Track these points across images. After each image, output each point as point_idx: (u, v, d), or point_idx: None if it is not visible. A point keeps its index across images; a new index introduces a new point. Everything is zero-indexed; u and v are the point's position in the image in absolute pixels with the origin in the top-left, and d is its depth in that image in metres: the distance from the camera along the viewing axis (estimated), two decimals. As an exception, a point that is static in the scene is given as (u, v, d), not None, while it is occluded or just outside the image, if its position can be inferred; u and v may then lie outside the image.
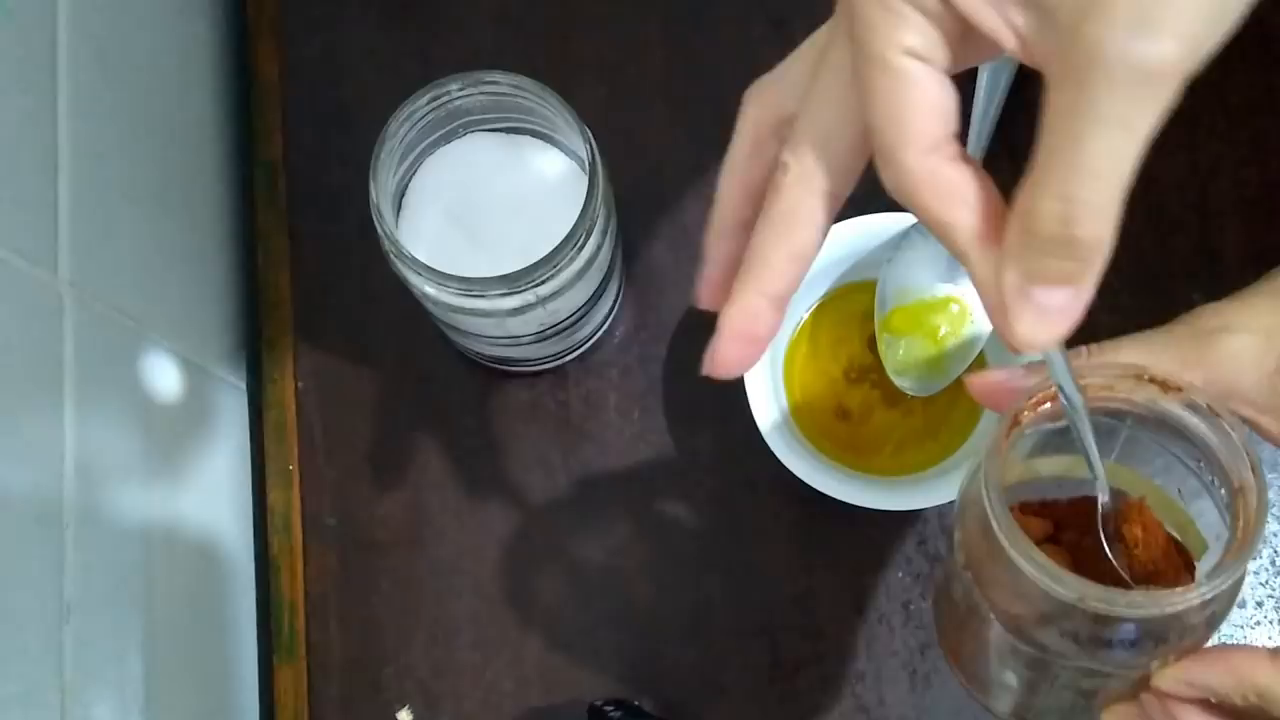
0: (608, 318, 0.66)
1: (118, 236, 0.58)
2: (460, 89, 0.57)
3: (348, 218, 0.68)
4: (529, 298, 0.56)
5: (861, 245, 0.63)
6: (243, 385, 0.70)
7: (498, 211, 0.60)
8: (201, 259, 0.68)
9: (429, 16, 0.71)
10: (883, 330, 0.62)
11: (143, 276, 0.60)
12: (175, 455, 0.62)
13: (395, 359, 0.68)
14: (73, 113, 0.54)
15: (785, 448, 0.60)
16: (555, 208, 0.59)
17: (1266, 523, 0.39)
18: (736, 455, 0.65)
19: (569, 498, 0.66)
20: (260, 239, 0.70)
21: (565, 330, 0.62)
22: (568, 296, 0.58)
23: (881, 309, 0.62)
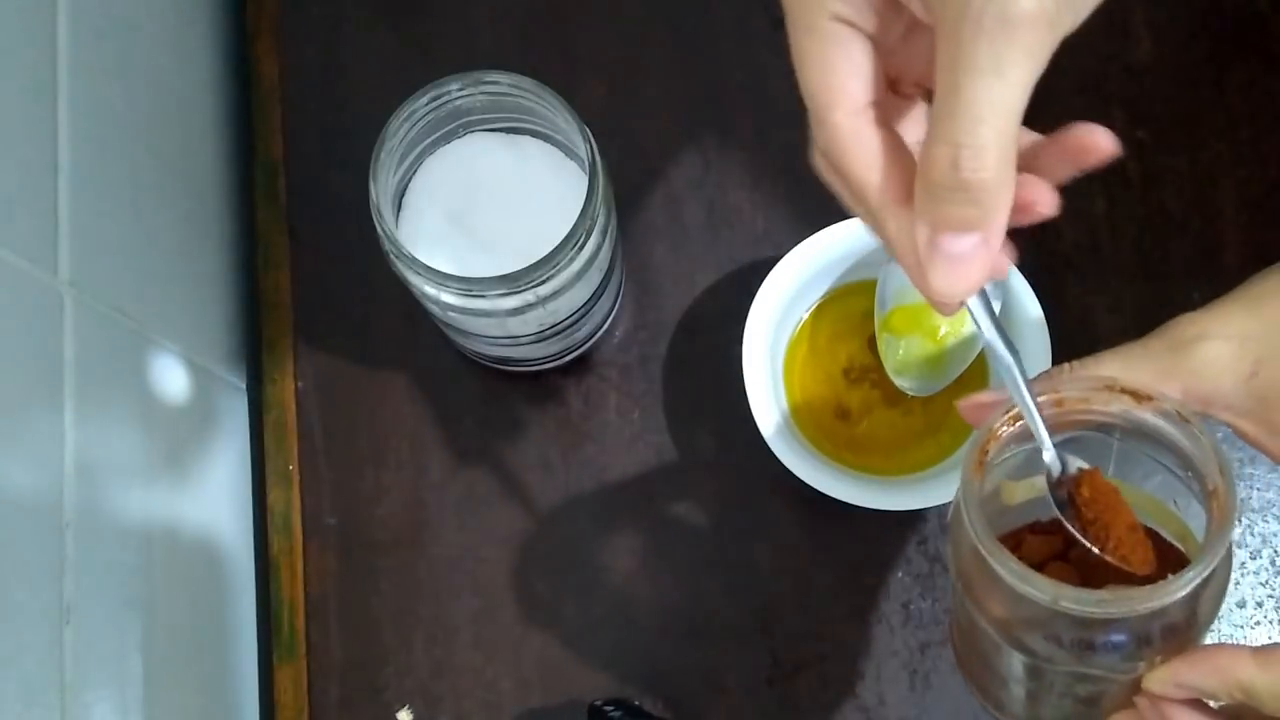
0: (608, 318, 0.66)
1: (118, 236, 0.58)
2: (460, 89, 0.57)
3: (348, 218, 0.68)
4: (529, 298, 0.56)
5: (861, 245, 0.63)
6: (243, 385, 0.70)
7: (498, 211, 0.60)
8: (201, 259, 0.68)
9: (429, 16, 0.71)
10: (883, 330, 0.62)
11: (143, 276, 0.60)
12: (175, 455, 0.62)
13: (395, 359, 0.68)
14: (73, 113, 0.54)
15: (785, 448, 0.60)
16: (555, 208, 0.59)
17: (1234, 522, 0.40)
18: (736, 455, 0.65)
19: (569, 498, 0.66)
20: (260, 239, 0.70)
21: (565, 330, 0.62)
22: (568, 296, 0.58)
23: (881, 309, 0.62)
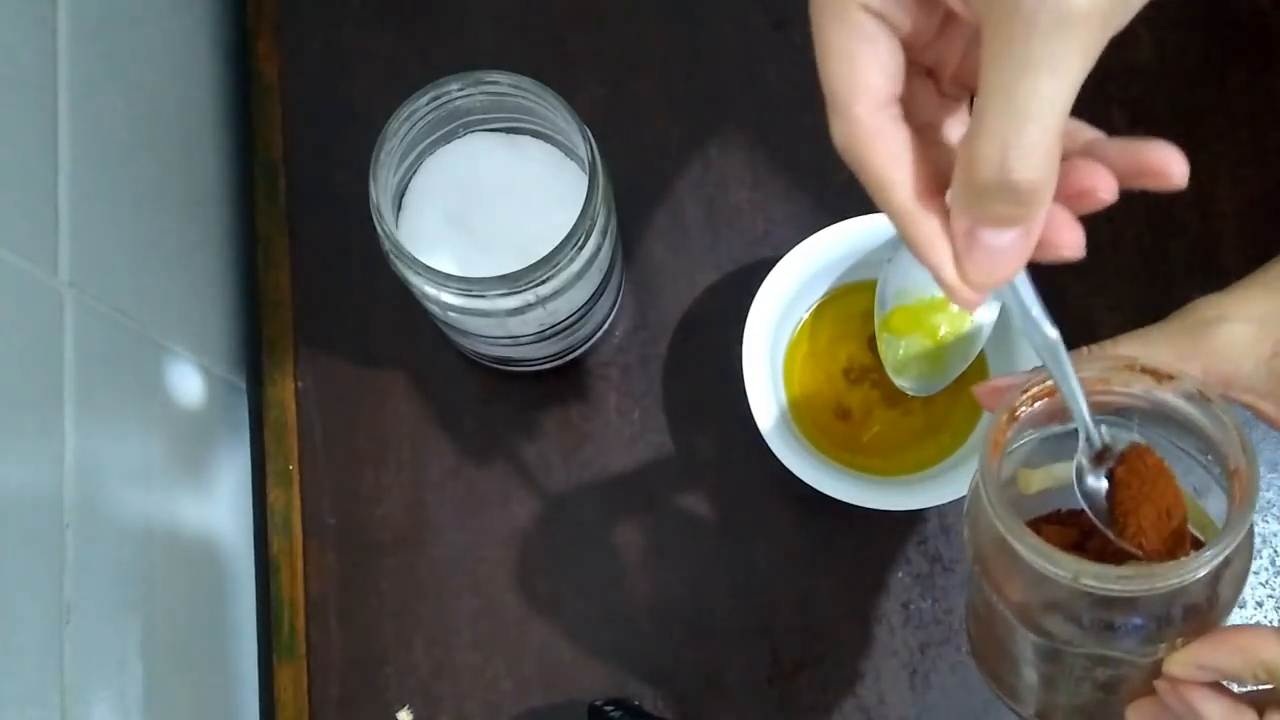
0: (608, 318, 0.66)
1: (118, 236, 0.58)
2: (460, 89, 0.57)
3: (348, 218, 0.68)
4: (529, 298, 0.56)
5: (861, 245, 0.63)
6: (243, 385, 0.70)
7: (498, 212, 0.60)
8: (202, 259, 0.68)
9: (429, 16, 0.71)
10: (883, 330, 0.62)
11: (143, 276, 0.60)
12: (175, 455, 0.62)
13: (395, 359, 0.68)
14: (73, 113, 0.54)
15: (785, 448, 0.60)
16: (555, 208, 0.59)
17: (1256, 502, 0.40)
18: (736, 455, 0.65)
19: (569, 498, 0.66)
20: (260, 239, 0.70)
21: (565, 330, 0.62)
22: (568, 296, 0.58)
23: (881, 309, 0.62)
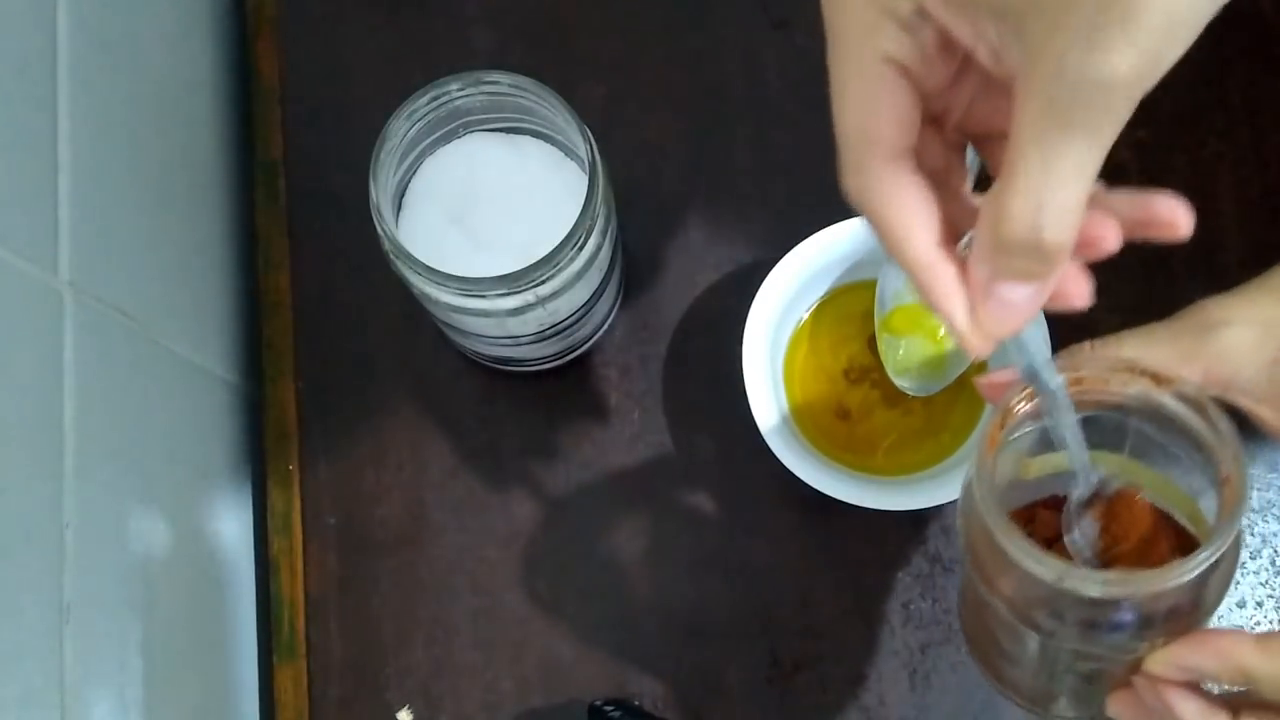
0: (608, 318, 0.66)
1: (118, 236, 0.58)
2: (460, 89, 0.57)
3: (348, 218, 0.68)
4: (529, 298, 0.56)
5: (861, 245, 0.63)
6: (243, 385, 0.70)
7: (498, 211, 0.60)
8: (202, 259, 0.68)
9: (429, 16, 0.71)
10: (883, 330, 0.62)
11: (143, 276, 0.60)
12: (175, 455, 0.62)
13: (395, 359, 0.68)
14: (73, 113, 0.54)
15: (785, 448, 0.60)
16: (555, 208, 0.59)
17: (1244, 510, 0.40)
18: (736, 455, 0.65)
19: (569, 498, 0.66)
20: (260, 239, 0.70)
21: (565, 330, 0.62)
22: (568, 296, 0.58)
23: (881, 309, 0.62)
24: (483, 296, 0.55)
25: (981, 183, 0.40)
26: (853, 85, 0.36)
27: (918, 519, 0.64)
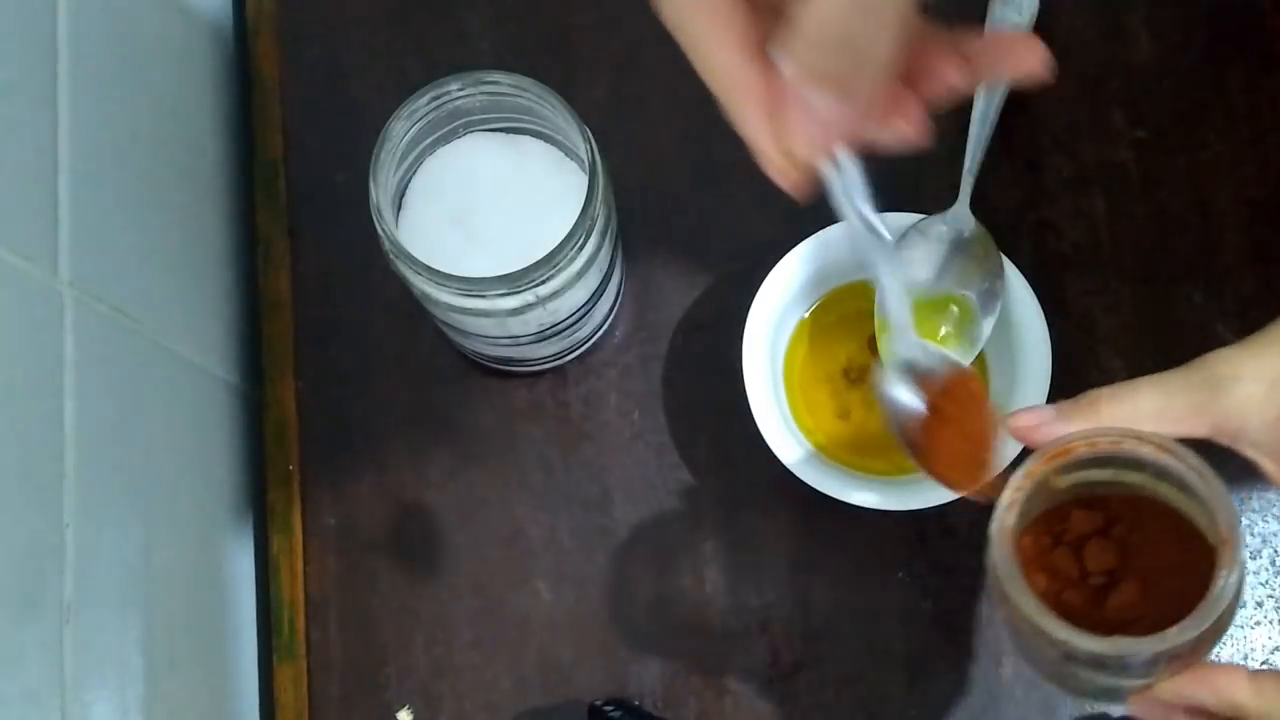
0: (608, 318, 0.66)
1: (118, 236, 0.58)
2: (460, 89, 0.57)
3: (348, 218, 0.68)
4: (529, 298, 0.56)
5: (861, 245, 0.63)
6: (243, 385, 0.70)
7: (498, 211, 0.60)
8: (202, 259, 0.68)
9: (429, 16, 0.71)
10: (883, 330, 0.62)
11: (143, 276, 0.60)
12: (175, 455, 0.62)
13: (395, 359, 0.68)
14: (73, 113, 0.54)
15: (785, 448, 0.60)
16: (555, 208, 0.59)
17: (1238, 568, 0.43)
18: (736, 455, 0.65)
19: (569, 498, 0.66)
20: (260, 239, 0.70)
21: (565, 330, 0.62)
22: (568, 296, 0.58)
23: (882, 309, 0.62)
24: (483, 296, 0.55)
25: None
26: None
27: (918, 519, 0.64)
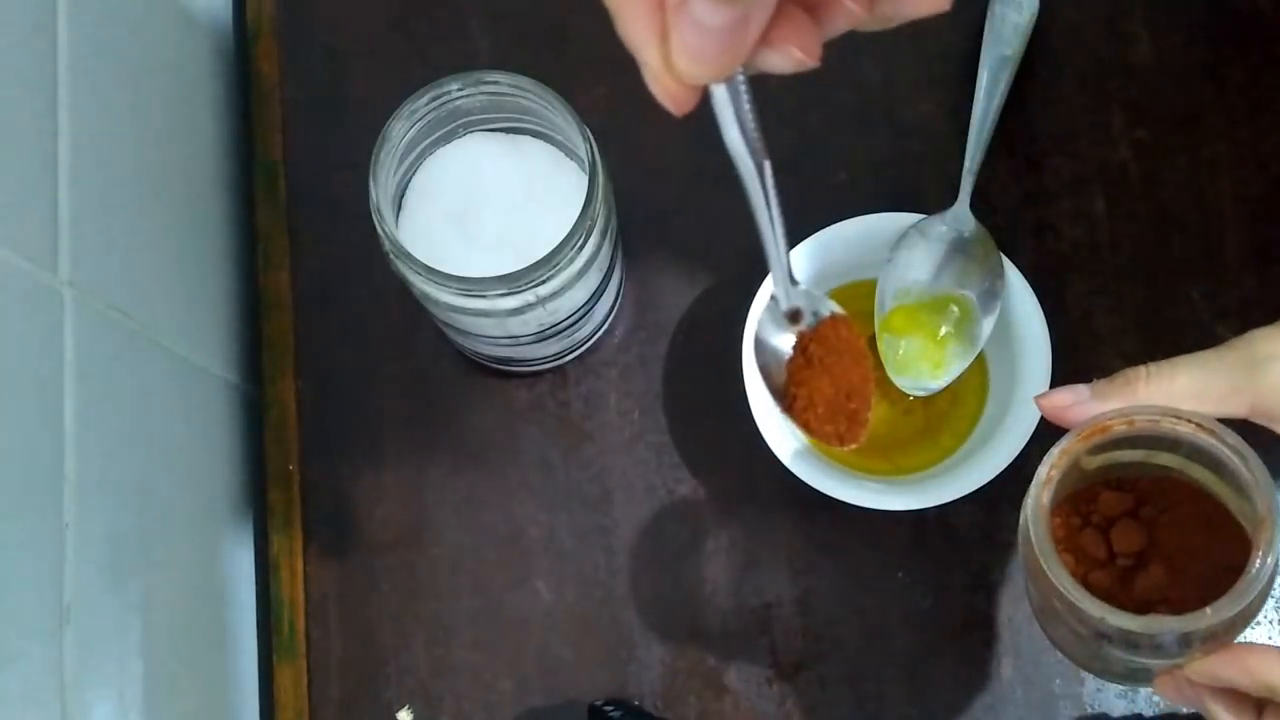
0: (608, 318, 0.66)
1: (118, 236, 0.58)
2: (460, 89, 0.57)
3: (348, 218, 0.68)
4: (529, 298, 0.56)
5: (861, 245, 0.63)
6: (243, 385, 0.70)
7: (498, 211, 0.60)
8: (201, 259, 0.68)
9: (429, 16, 0.71)
10: (883, 330, 0.62)
11: (143, 276, 0.60)
12: (175, 455, 0.62)
13: (395, 359, 0.68)
14: (73, 113, 0.54)
15: (785, 448, 0.60)
16: (555, 208, 0.59)
17: (1276, 549, 0.43)
18: (736, 455, 0.65)
19: (569, 498, 0.66)
20: (260, 239, 0.70)
21: (565, 330, 0.62)
22: (568, 296, 0.58)
23: (881, 309, 0.62)
24: (483, 296, 0.56)
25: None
26: None
27: (918, 519, 0.64)
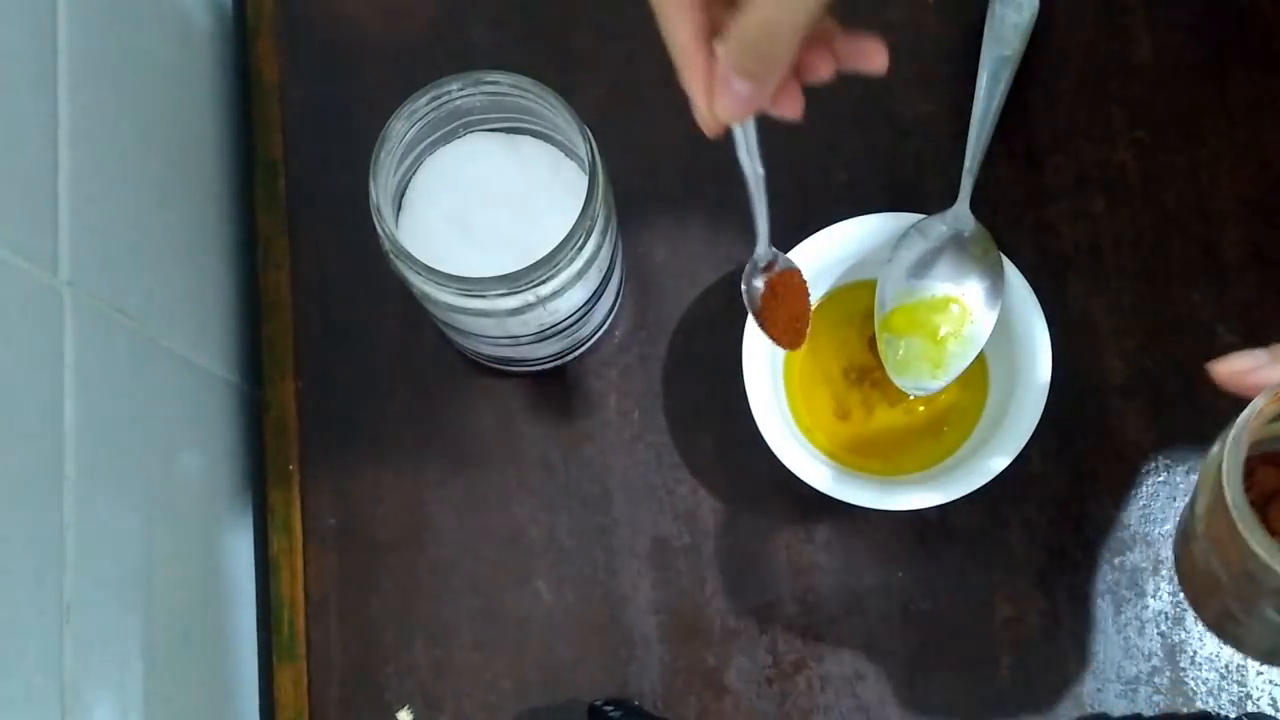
0: (608, 318, 0.66)
1: (117, 236, 0.58)
2: (460, 89, 0.57)
3: (348, 218, 0.68)
4: (529, 298, 0.56)
5: (861, 245, 0.63)
6: (243, 385, 0.70)
7: (498, 211, 0.60)
8: (201, 259, 0.68)
9: (429, 16, 0.71)
10: (883, 330, 0.62)
11: (143, 276, 0.60)
12: (175, 455, 0.62)
13: (395, 359, 0.68)
14: (73, 113, 0.54)
15: (785, 448, 0.60)
16: (555, 208, 0.59)
17: None
18: (736, 455, 0.65)
19: (569, 498, 0.66)
20: (260, 239, 0.70)
21: (565, 330, 0.62)
22: (568, 296, 0.58)
23: (881, 309, 0.62)
24: (483, 296, 0.55)
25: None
26: None
27: (918, 519, 0.64)
